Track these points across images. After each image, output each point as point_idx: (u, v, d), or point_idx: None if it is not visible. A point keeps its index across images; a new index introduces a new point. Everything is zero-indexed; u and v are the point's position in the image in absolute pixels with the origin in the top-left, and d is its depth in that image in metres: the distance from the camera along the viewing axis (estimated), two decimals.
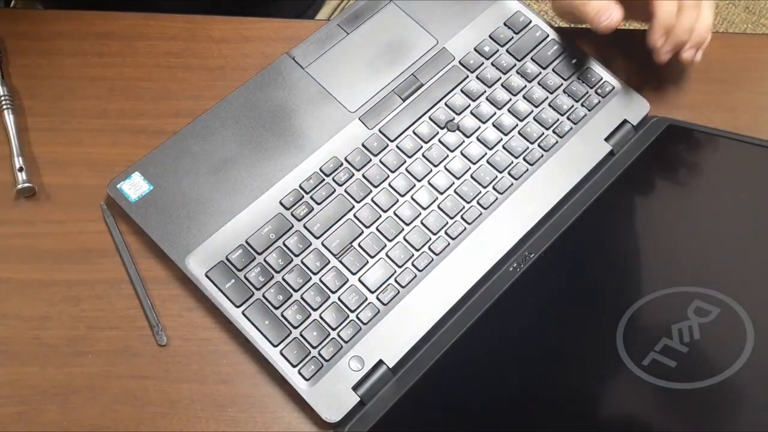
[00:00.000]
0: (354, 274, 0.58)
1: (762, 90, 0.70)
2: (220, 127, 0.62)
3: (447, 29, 0.68)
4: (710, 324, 0.51)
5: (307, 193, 0.60)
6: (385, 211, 0.60)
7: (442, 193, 0.61)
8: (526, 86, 0.66)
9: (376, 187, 0.61)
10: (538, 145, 0.64)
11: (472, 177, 0.62)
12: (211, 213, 0.59)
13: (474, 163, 0.63)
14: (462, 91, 0.65)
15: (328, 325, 0.56)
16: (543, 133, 0.64)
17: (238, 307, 0.56)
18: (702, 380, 0.48)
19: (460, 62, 0.66)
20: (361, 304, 0.57)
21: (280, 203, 0.60)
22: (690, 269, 0.56)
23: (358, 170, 0.62)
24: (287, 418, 0.55)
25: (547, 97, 0.66)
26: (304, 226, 0.59)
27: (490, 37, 0.67)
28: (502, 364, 0.55)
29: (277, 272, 0.57)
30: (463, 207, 0.61)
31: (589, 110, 0.65)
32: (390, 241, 0.59)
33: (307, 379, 0.54)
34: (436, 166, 0.62)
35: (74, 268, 0.58)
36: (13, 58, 0.65)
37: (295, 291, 0.57)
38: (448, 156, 0.63)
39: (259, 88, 0.64)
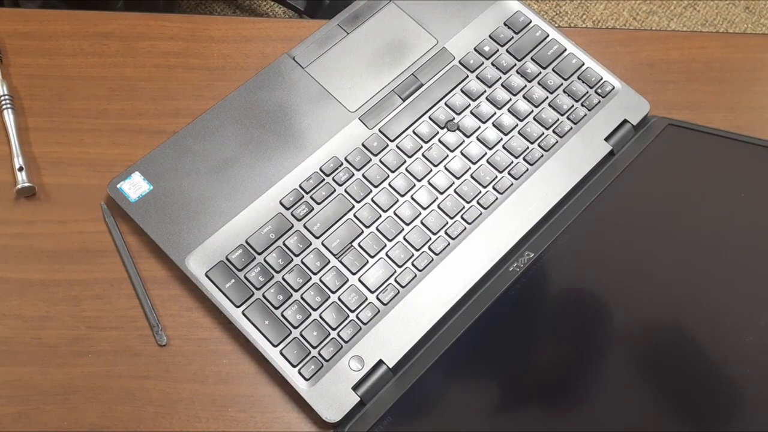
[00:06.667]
0: (354, 274, 0.58)
1: (762, 90, 0.70)
2: (220, 127, 0.62)
3: (447, 29, 0.68)
4: None
5: (307, 193, 0.60)
6: (385, 211, 0.60)
7: (442, 193, 0.61)
8: (526, 86, 0.66)
9: (376, 187, 0.61)
10: (538, 145, 0.64)
11: (472, 177, 0.62)
12: (211, 213, 0.59)
13: (474, 163, 0.63)
14: (462, 91, 0.65)
15: (328, 325, 0.56)
16: (543, 133, 0.64)
17: (238, 307, 0.56)
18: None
19: (460, 62, 0.66)
20: (361, 304, 0.57)
21: (280, 203, 0.60)
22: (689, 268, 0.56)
23: (358, 170, 0.61)
24: (287, 418, 0.55)
25: (547, 97, 0.66)
26: (304, 226, 0.59)
27: (490, 37, 0.67)
28: (502, 364, 0.55)
29: (277, 272, 0.57)
30: (463, 207, 0.61)
31: (589, 110, 0.65)
32: (390, 241, 0.59)
33: (307, 379, 0.54)
34: (436, 166, 0.62)
35: (74, 268, 0.58)
36: (14, 58, 0.65)
37: (295, 291, 0.57)
38: (448, 156, 0.63)
39: (259, 88, 0.64)
